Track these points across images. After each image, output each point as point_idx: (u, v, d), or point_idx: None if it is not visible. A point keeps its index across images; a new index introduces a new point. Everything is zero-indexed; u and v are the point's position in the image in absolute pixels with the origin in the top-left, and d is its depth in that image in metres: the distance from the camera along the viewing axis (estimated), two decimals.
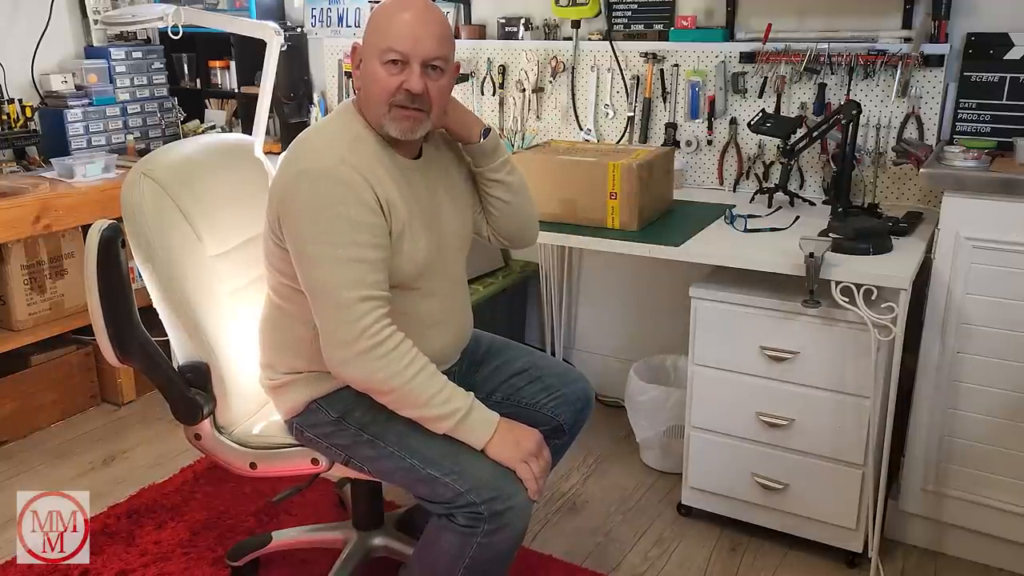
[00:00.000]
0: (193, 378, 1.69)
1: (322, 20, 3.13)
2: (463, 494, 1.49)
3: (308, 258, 1.49)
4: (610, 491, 2.44)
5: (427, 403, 1.51)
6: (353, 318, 1.46)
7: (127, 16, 2.65)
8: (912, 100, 2.28)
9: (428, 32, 1.51)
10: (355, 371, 1.50)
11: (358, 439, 1.62)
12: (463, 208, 1.76)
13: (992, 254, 1.88)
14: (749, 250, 1.98)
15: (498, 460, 1.52)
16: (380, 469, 1.64)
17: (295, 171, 1.51)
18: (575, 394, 1.82)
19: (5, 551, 2.16)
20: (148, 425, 2.82)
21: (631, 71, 2.64)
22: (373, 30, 1.54)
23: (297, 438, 1.71)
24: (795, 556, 2.13)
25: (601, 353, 2.93)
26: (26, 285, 2.71)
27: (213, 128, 3.36)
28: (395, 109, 1.52)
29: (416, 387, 1.50)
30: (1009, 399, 1.94)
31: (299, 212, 1.48)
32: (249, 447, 1.76)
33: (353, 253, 1.47)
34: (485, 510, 1.48)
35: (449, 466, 1.52)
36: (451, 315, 1.73)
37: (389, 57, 1.50)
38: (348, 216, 1.47)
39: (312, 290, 1.50)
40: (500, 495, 1.49)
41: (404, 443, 1.56)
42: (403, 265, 1.56)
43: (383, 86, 1.51)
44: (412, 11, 1.51)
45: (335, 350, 1.49)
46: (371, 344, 1.47)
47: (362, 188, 1.49)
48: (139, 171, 1.65)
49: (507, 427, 1.55)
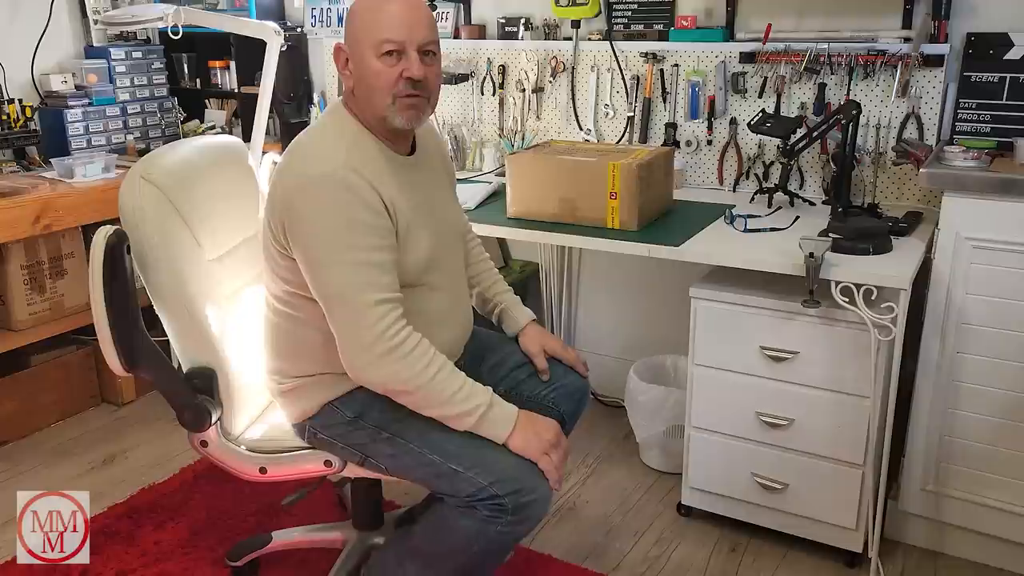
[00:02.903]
0: (200, 384, 1.67)
1: (322, 20, 3.13)
2: (486, 488, 1.50)
3: (319, 265, 1.48)
4: (610, 491, 2.44)
5: (449, 401, 1.51)
6: (370, 322, 1.46)
7: (127, 16, 2.65)
8: (912, 100, 2.27)
9: (418, 18, 1.52)
10: (377, 375, 1.50)
11: (376, 438, 1.62)
12: (454, 200, 1.79)
13: (992, 254, 1.88)
14: (749, 250, 1.98)
15: (520, 453, 1.53)
16: (399, 467, 1.64)
17: (298, 178, 1.50)
18: (573, 385, 1.85)
19: (5, 551, 2.16)
20: (148, 425, 2.82)
21: (631, 71, 2.64)
22: (361, 26, 1.53)
23: (310, 440, 1.71)
24: (795, 556, 2.13)
25: (601, 353, 2.93)
26: (26, 285, 2.70)
27: (213, 128, 3.36)
28: (399, 100, 1.52)
29: (437, 386, 1.51)
30: (1009, 399, 1.94)
31: (306, 219, 1.48)
32: (258, 452, 1.75)
33: (364, 257, 1.47)
34: (509, 502, 1.49)
35: (471, 460, 1.52)
36: (456, 309, 1.75)
37: (386, 48, 1.50)
38: (356, 220, 1.47)
39: (326, 297, 1.50)
40: (524, 487, 1.50)
41: (424, 439, 1.57)
42: (409, 262, 1.56)
43: (384, 79, 1.51)
44: (398, 2, 1.52)
45: (355, 355, 1.49)
46: (390, 346, 1.47)
47: (367, 191, 1.49)
48: (138, 175, 1.64)
49: (527, 420, 1.57)
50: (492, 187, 2.53)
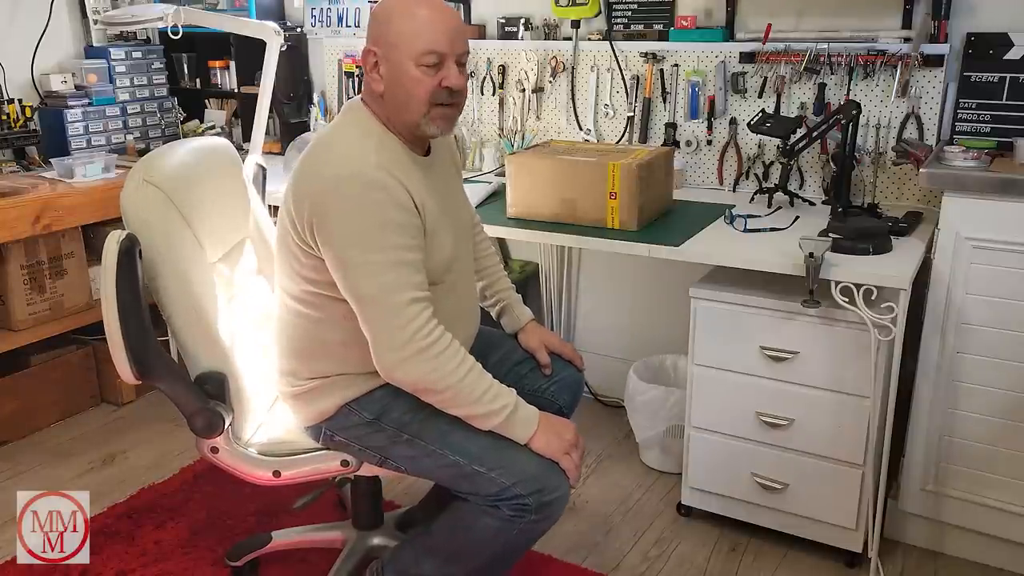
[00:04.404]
0: (211, 389, 1.65)
1: (322, 20, 3.13)
2: (509, 488, 1.51)
3: (351, 265, 1.48)
4: (610, 491, 2.44)
5: (478, 400, 1.52)
6: (404, 321, 1.46)
7: (127, 16, 2.64)
8: (912, 100, 2.27)
9: (458, 28, 1.53)
10: (410, 373, 1.50)
11: (396, 440, 1.62)
12: (465, 198, 1.80)
13: (992, 254, 1.88)
14: (749, 250, 1.98)
15: (542, 453, 1.54)
16: (420, 468, 1.64)
17: (328, 178, 1.48)
18: (571, 377, 1.89)
19: (5, 551, 2.16)
20: (148, 425, 2.82)
21: (631, 71, 2.64)
22: (399, 32, 1.50)
23: (324, 443, 1.70)
24: (795, 556, 2.13)
25: (601, 353, 2.93)
26: (26, 285, 2.70)
27: (213, 128, 3.36)
28: (435, 108, 1.52)
29: (468, 385, 1.51)
30: (1009, 399, 1.94)
31: (338, 220, 1.47)
32: (271, 455, 1.73)
33: (397, 257, 1.47)
34: (532, 502, 1.50)
35: (494, 461, 1.53)
36: (469, 306, 1.76)
37: (429, 60, 1.49)
38: (389, 220, 1.47)
39: (359, 298, 1.49)
40: (546, 487, 1.52)
41: (446, 441, 1.57)
42: (433, 262, 1.56)
43: (424, 87, 1.50)
44: (436, 9, 1.51)
45: (388, 354, 1.49)
46: (424, 345, 1.47)
47: (398, 190, 1.48)
48: (140, 178, 1.62)
49: (547, 421, 1.58)
50: (492, 187, 2.53)
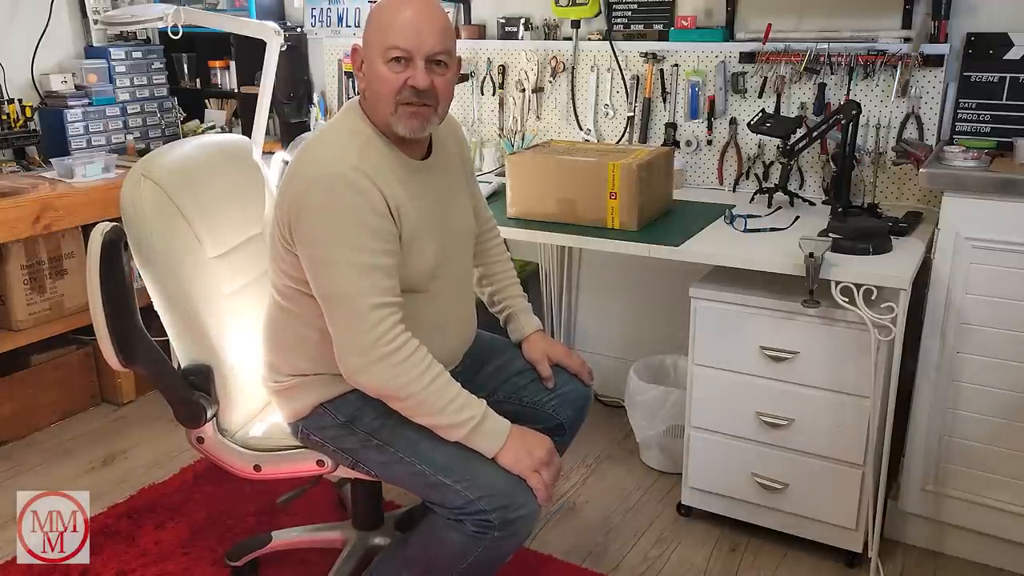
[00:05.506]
0: (196, 381, 1.68)
1: (322, 20, 3.13)
2: (474, 502, 1.48)
3: (322, 265, 1.48)
4: (610, 491, 2.44)
5: (442, 410, 1.50)
6: (369, 325, 1.46)
7: (127, 16, 2.65)
8: (912, 100, 2.27)
9: (430, 27, 1.51)
10: (372, 378, 1.49)
11: (367, 444, 1.61)
12: (468, 206, 1.76)
13: (992, 254, 1.88)
14: (749, 250, 1.98)
15: (510, 469, 1.51)
16: (389, 474, 1.64)
17: (307, 177, 1.49)
18: (576, 392, 1.83)
19: (5, 551, 2.16)
20: (148, 425, 2.82)
21: (631, 71, 2.64)
22: (374, 29, 1.53)
23: (303, 441, 1.71)
24: (795, 556, 2.13)
25: (601, 353, 2.93)
26: (26, 285, 2.71)
27: (213, 128, 3.36)
28: (402, 107, 1.51)
29: (432, 394, 1.49)
30: (1009, 399, 1.94)
31: (312, 219, 1.47)
32: (253, 449, 1.75)
33: (367, 260, 1.47)
34: (496, 519, 1.47)
35: (460, 473, 1.51)
36: (457, 315, 1.73)
37: (393, 55, 1.49)
38: (361, 222, 1.47)
39: (326, 297, 1.49)
40: (511, 504, 1.48)
41: (415, 449, 1.55)
42: (412, 271, 1.56)
43: (389, 85, 1.50)
44: (413, 7, 1.51)
45: (351, 357, 1.49)
46: (387, 351, 1.46)
47: (373, 194, 1.48)
48: (139, 173, 1.65)
49: (519, 435, 1.54)
50: (492, 187, 2.53)
